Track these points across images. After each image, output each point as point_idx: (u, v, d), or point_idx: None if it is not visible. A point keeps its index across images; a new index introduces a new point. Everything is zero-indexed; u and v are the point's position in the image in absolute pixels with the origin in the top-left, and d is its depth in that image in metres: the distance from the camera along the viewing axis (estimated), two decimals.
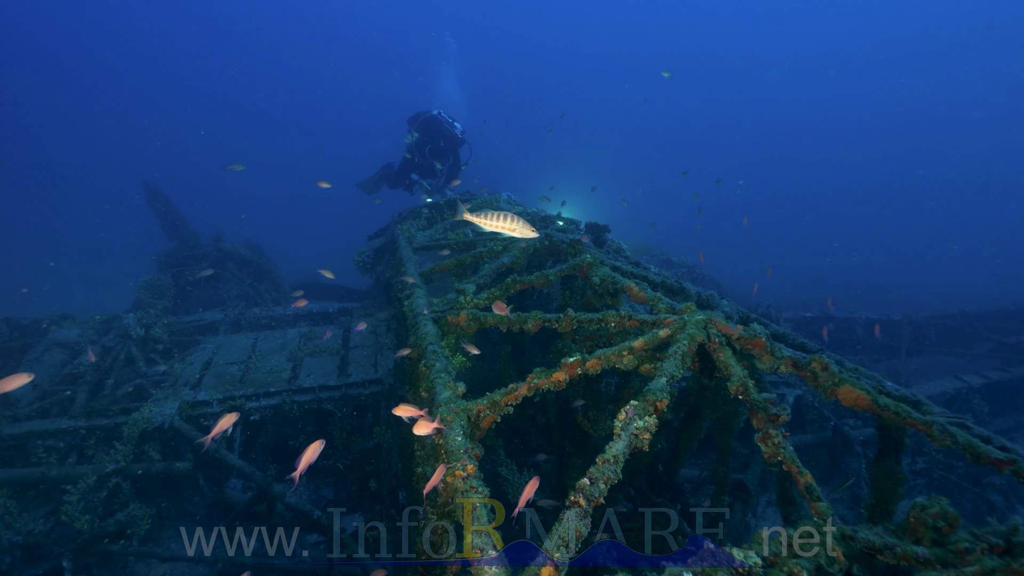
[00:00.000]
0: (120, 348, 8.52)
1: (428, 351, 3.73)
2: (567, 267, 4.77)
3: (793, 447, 4.96)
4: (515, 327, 4.00)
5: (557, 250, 6.20)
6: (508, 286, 4.70)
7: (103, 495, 6.25)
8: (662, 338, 3.14)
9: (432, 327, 4.18)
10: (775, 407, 2.60)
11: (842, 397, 2.82)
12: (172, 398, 7.29)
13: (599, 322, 3.56)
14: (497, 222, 3.50)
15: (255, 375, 7.89)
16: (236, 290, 12.09)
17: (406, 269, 5.94)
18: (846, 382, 2.80)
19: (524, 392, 3.03)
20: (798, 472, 2.42)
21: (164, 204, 14.08)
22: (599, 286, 4.33)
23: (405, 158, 12.61)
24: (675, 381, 2.73)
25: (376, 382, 7.67)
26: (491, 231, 3.53)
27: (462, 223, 8.51)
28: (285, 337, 9.17)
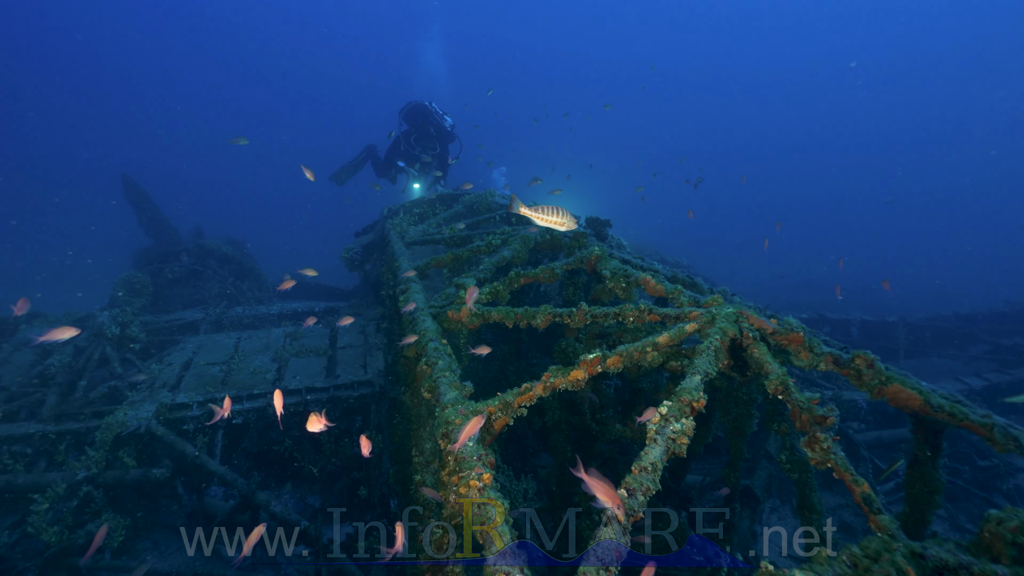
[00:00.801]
0: (94, 348, 8.08)
1: (429, 348, 3.43)
2: (573, 260, 4.50)
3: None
4: (522, 322, 3.71)
5: (558, 244, 5.93)
6: (511, 280, 4.41)
7: (73, 505, 5.84)
8: (689, 333, 2.87)
9: (432, 323, 3.88)
10: (821, 407, 2.34)
11: (891, 397, 2.57)
12: (149, 400, 6.89)
13: (615, 317, 3.28)
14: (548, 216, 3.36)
15: (238, 376, 7.51)
16: (217, 288, 11.66)
17: (400, 264, 5.63)
18: (895, 380, 2.55)
19: (539, 392, 2.74)
20: (852, 481, 2.16)
21: (142, 199, 13.59)
22: (610, 279, 4.06)
23: (391, 145, 12.24)
24: (709, 378, 2.45)
25: (366, 384, 7.33)
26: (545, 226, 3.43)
27: (455, 217, 8.22)
28: (269, 337, 8.79)
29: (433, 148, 11.89)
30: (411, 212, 9.27)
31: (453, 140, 12.42)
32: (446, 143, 12.25)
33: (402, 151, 12.14)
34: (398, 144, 12.22)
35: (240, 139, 8.79)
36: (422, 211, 9.15)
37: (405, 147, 12.01)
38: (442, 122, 12.08)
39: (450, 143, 12.38)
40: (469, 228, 7.21)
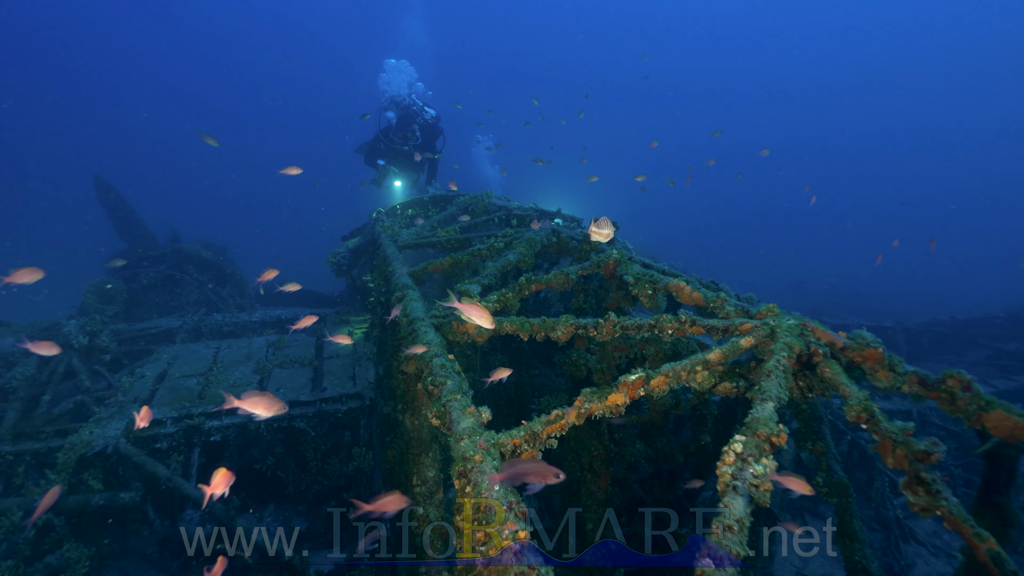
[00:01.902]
0: (59, 359, 7.50)
1: (435, 366, 2.98)
2: (590, 264, 4.08)
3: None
4: (539, 335, 3.28)
5: (566, 247, 5.52)
6: (522, 287, 3.98)
7: (31, 535, 5.29)
8: (745, 348, 2.46)
9: (436, 335, 3.43)
10: (923, 441, 1.94)
11: (992, 425, 2.19)
12: (118, 417, 6.36)
13: (650, 329, 2.87)
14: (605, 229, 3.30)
15: (216, 389, 6.99)
16: (196, 295, 11.08)
17: (393, 270, 5.17)
18: (997, 406, 2.18)
19: (572, 420, 2.32)
20: (974, 535, 1.76)
21: (116, 201, 12.96)
22: (634, 286, 3.65)
23: (371, 143, 11.54)
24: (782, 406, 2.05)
25: (355, 397, 6.86)
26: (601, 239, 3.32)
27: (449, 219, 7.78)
28: (251, 346, 8.27)
29: (415, 139, 11.16)
30: (403, 214, 8.81)
31: (437, 133, 11.68)
32: (429, 135, 11.49)
33: (382, 149, 11.44)
34: (378, 142, 11.46)
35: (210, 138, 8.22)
36: (414, 213, 8.69)
37: (385, 144, 11.32)
38: (423, 114, 11.39)
39: (434, 136, 11.60)
40: (465, 231, 6.78)
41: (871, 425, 2.07)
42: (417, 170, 11.86)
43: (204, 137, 8.21)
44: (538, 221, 6.79)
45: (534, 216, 6.74)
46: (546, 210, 7.27)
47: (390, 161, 11.49)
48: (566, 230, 5.60)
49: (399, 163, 11.50)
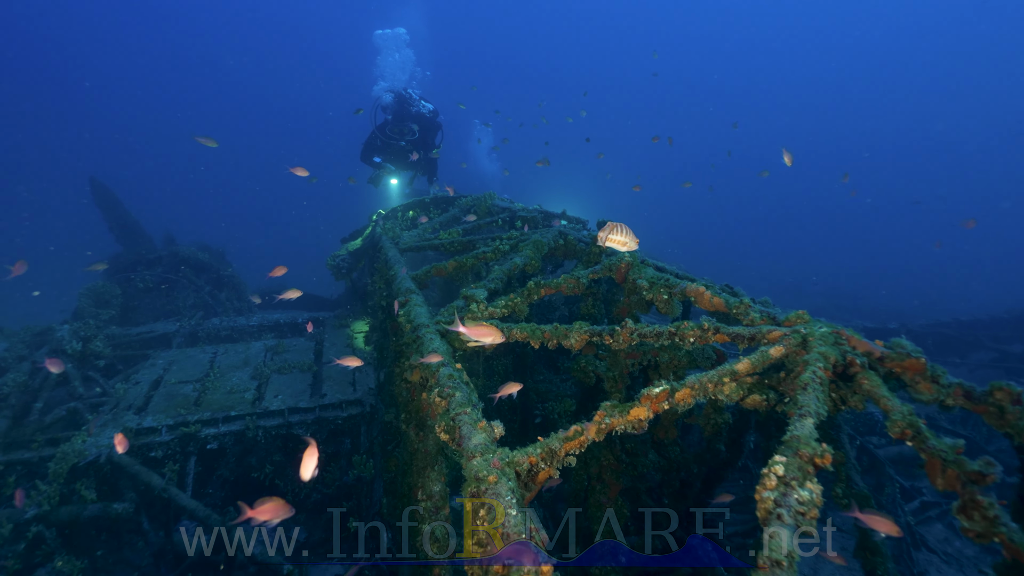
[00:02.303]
0: None
1: (442, 376, 2.83)
2: (601, 268, 3.93)
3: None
4: (551, 342, 3.13)
5: (574, 250, 5.37)
6: (531, 291, 3.83)
7: (20, 548, 5.12)
8: (775, 358, 2.32)
9: (442, 343, 3.28)
10: (976, 461, 1.80)
11: None
12: (112, 425, 6.19)
13: (671, 336, 2.72)
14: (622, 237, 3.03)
15: (213, 396, 6.82)
16: (193, 298, 10.91)
17: (395, 273, 5.02)
18: None
19: (592, 436, 2.17)
20: None
21: (112, 203, 12.79)
22: (648, 290, 3.50)
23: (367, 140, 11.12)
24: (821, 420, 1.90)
25: (355, 403, 6.70)
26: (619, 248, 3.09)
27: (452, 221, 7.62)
28: (248, 351, 8.11)
29: (412, 134, 10.68)
30: (403, 216, 8.66)
31: (435, 128, 11.21)
32: (427, 131, 11.02)
33: (379, 145, 10.97)
34: (374, 139, 10.98)
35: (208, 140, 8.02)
36: (415, 215, 8.53)
37: (382, 140, 10.86)
38: (420, 108, 10.93)
39: (431, 131, 11.12)
40: (468, 233, 6.63)
41: (918, 443, 1.92)
42: (415, 168, 11.51)
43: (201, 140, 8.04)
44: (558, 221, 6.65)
45: (539, 218, 6.58)
46: (551, 211, 7.12)
47: (387, 159, 11.15)
48: (573, 232, 5.45)
49: (396, 160, 11.16)
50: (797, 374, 2.21)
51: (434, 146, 11.16)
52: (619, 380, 3.84)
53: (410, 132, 10.68)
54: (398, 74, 12.73)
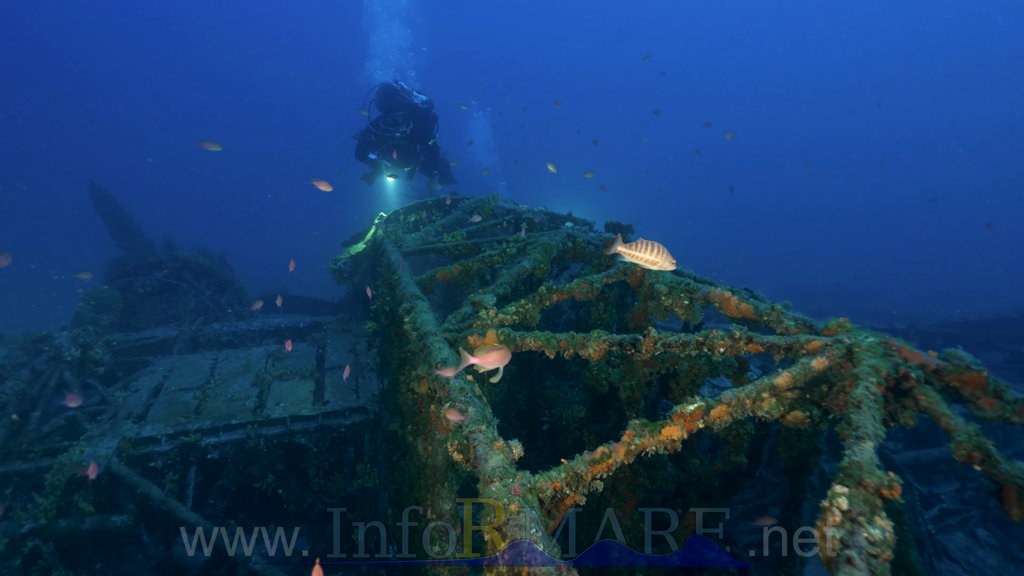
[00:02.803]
0: (51, 373, 7.19)
1: (453, 390, 2.68)
2: (615, 271, 3.78)
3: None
4: (567, 351, 2.98)
5: (583, 253, 5.22)
6: (542, 297, 3.68)
7: (16, 564, 4.97)
8: (817, 371, 2.15)
9: (451, 353, 3.13)
10: None
11: None
12: (110, 434, 6.05)
13: (698, 347, 2.56)
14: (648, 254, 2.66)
15: (214, 404, 6.68)
16: (194, 303, 10.77)
17: (399, 278, 4.87)
18: None
19: (620, 458, 2.01)
20: None
21: (112, 208, 12.66)
22: (667, 295, 3.34)
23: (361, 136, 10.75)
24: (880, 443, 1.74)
25: (358, 410, 6.55)
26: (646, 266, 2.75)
27: (455, 223, 7.47)
28: (249, 357, 7.96)
29: (405, 125, 10.31)
30: (405, 219, 8.51)
31: (431, 120, 10.75)
32: (422, 122, 10.58)
33: (373, 141, 10.59)
34: (368, 134, 10.60)
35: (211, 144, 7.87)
36: (417, 218, 8.39)
37: (376, 135, 10.48)
38: (411, 99, 10.47)
39: (427, 123, 10.66)
40: (473, 235, 6.48)
41: (987, 467, 1.77)
42: (412, 164, 11.12)
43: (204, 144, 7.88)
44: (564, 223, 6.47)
45: (545, 220, 6.42)
46: (557, 213, 6.96)
47: (382, 155, 10.78)
48: (582, 234, 5.30)
49: (392, 156, 10.77)
50: (843, 388, 2.05)
51: (429, 136, 10.70)
52: (636, 389, 3.68)
53: (403, 122, 10.30)
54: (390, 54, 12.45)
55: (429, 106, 10.81)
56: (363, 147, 10.71)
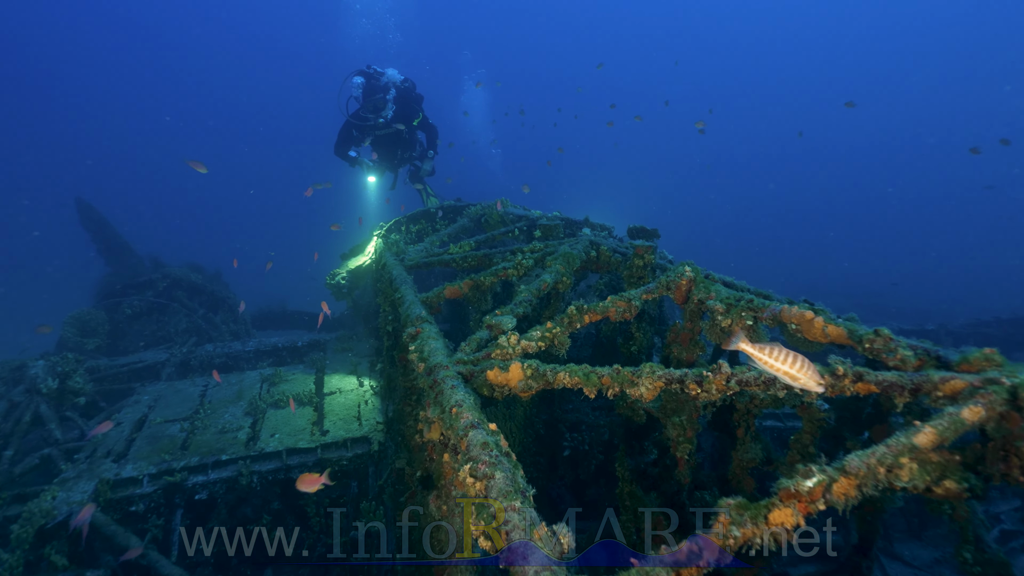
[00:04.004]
0: (25, 406, 6.63)
1: (474, 444, 2.10)
2: (656, 286, 3.19)
3: None
4: (611, 390, 2.40)
5: (608, 262, 4.64)
6: (572, 318, 3.10)
7: None
8: (971, 424, 1.58)
9: (466, 392, 2.55)
10: None
11: None
12: (87, 476, 5.47)
13: (787, 387, 1.98)
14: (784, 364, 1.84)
15: (203, 437, 6.10)
16: (186, 323, 10.22)
17: (403, 296, 4.29)
18: None
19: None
20: None
21: (100, 225, 12.14)
22: (724, 314, 2.76)
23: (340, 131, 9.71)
24: None
25: (361, 440, 5.97)
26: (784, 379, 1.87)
27: (464, 232, 6.91)
28: (242, 382, 7.39)
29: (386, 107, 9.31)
30: (408, 229, 7.96)
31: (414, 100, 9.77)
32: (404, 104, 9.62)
33: (354, 136, 9.64)
34: (348, 128, 9.61)
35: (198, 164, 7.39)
36: (420, 227, 7.83)
37: (357, 127, 9.55)
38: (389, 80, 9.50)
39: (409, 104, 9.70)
40: (482, 245, 5.91)
41: None
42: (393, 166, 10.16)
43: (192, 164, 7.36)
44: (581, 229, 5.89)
45: (561, 226, 5.82)
46: (573, 218, 6.39)
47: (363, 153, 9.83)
48: (607, 242, 4.73)
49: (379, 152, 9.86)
50: (1015, 449, 1.47)
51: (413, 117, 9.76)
52: (688, 427, 3.09)
53: (384, 105, 9.33)
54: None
55: (410, 85, 9.96)
56: (343, 142, 9.75)
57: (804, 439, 3.16)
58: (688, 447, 3.08)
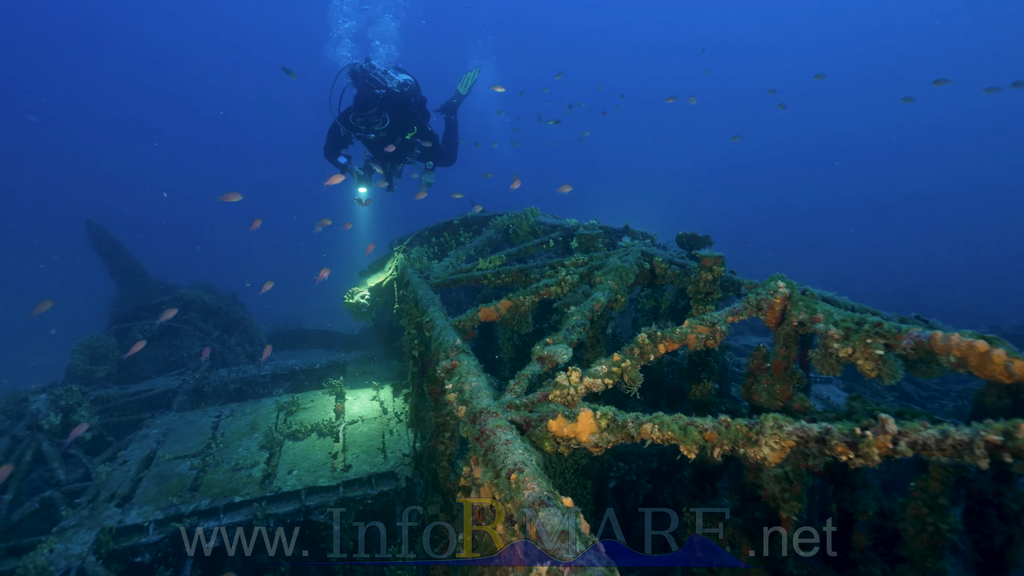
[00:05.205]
0: (26, 445, 6.19)
1: (549, 534, 1.56)
2: (743, 306, 2.62)
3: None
4: (720, 449, 1.84)
5: (664, 277, 4.08)
6: (643, 348, 2.54)
7: None
8: None
9: (527, 451, 2.00)
10: None
11: None
12: (88, 524, 4.98)
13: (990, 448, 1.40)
14: None
15: (214, 475, 5.60)
16: (199, 346, 9.79)
17: (432, 319, 3.77)
18: None
19: None
20: None
21: (111, 247, 11.81)
22: (841, 341, 2.18)
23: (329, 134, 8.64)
24: None
25: (387, 476, 5.44)
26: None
27: (491, 244, 6.37)
28: (257, 411, 6.89)
29: (382, 122, 8.20)
30: (427, 242, 7.45)
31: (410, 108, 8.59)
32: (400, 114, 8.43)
33: (343, 136, 8.56)
34: (336, 130, 8.51)
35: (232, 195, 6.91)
36: (442, 241, 7.32)
37: (345, 131, 8.48)
38: (385, 84, 8.35)
39: (409, 113, 8.54)
40: (513, 259, 5.37)
41: None
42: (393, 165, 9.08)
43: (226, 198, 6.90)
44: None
45: (601, 235, 5.22)
46: (612, 227, 5.81)
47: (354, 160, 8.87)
48: (660, 252, 4.16)
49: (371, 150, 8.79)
50: None
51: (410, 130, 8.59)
52: (795, 479, 2.51)
53: (378, 119, 8.18)
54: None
55: (411, 89, 8.77)
56: (332, 146, 8.67)
57: (932, 487, 2.57)
58: (797, 506, 2.50)
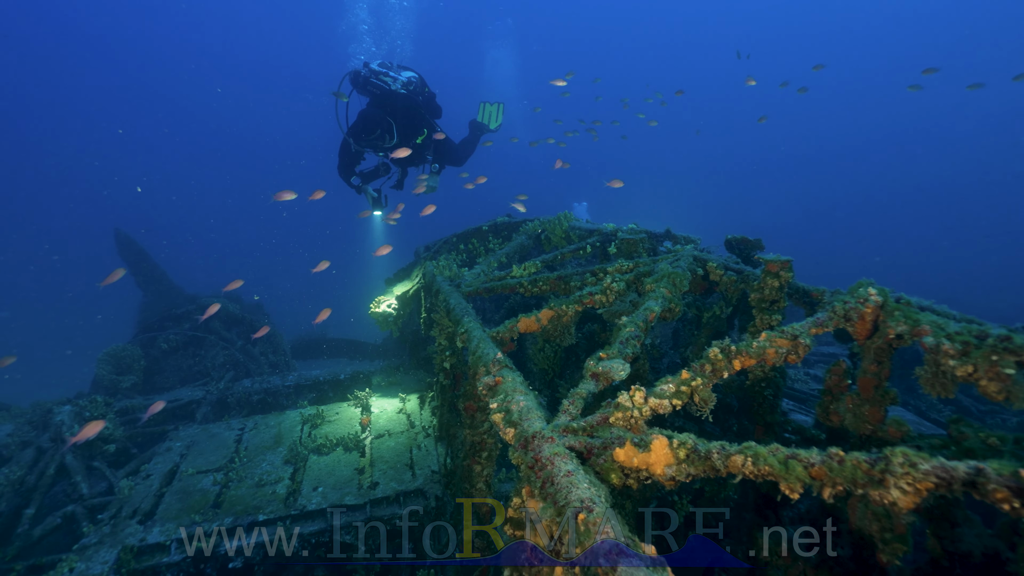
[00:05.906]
0: (49, 458, 6.07)
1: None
2: (828, 316, 2.32)
3: None
4: (829, 489, 1.55)
5: (719, 283, 3.78)
6: (716, 364, 2.25)
7: None
8: None
9: (594, 485, 1.73)
10: None
11: None
12: (109, 541, 4.81)
13: None
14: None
15: (237, 491, 5.40)
16: (223, 356, 9.68)
17: (467, 330, 3.51)
18: None
19: None
20: None
21: (139, 256, 11.82)
22: (958, 358, 1.87)
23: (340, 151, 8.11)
24: None
25: (415, 494, 5.19)
26: None
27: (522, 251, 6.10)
28: (281, 424, 6.70)
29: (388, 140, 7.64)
30: (455, 249, 7.22)
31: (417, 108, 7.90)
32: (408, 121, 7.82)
33: (354, 153, 8.00)
34: (347, 147, 7.93)
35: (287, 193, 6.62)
36: (471, 247, 7.08)
37: (356, 148, 7.94)
38: (387, 86, 7.73)
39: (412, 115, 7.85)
40: (550, 267, 5.11)
41: None
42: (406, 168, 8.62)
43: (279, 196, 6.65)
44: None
45: (645, 240, 4.91)
46: (654, 231, 5.50)
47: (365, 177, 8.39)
48: (712, 257, 3.87)
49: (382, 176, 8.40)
50: None
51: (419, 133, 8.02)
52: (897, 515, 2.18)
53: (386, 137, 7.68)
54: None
55: (416, 87, 8.05)
56: (345, 165, 8.18)
57: None
58: (901, 548, 2.17)
